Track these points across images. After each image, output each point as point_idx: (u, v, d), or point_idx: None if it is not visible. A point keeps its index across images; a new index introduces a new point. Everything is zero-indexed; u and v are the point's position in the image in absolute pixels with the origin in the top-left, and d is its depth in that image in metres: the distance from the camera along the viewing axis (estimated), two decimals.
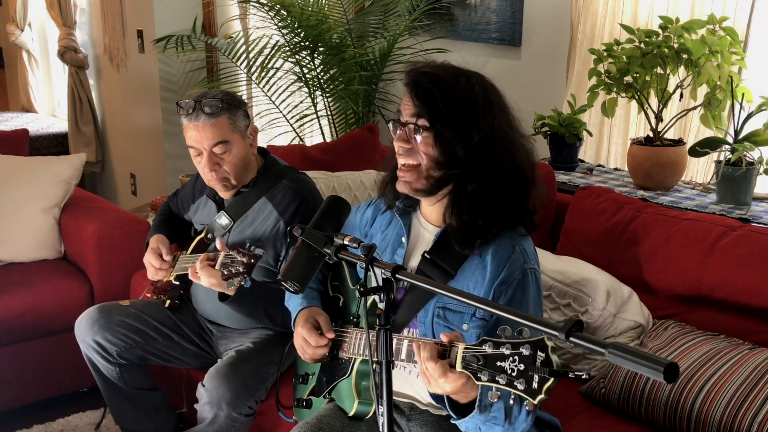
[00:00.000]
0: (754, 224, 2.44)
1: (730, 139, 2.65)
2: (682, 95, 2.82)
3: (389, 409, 1.43)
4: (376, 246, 1.44)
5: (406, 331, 1.82)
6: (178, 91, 4.67)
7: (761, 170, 2.60)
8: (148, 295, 2.66)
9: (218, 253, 2.21)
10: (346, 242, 1.50)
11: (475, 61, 3.70)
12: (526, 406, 1.26)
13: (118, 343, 2.49)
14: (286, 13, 3.75)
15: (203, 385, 2.34)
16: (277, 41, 3.98)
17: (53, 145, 5.64)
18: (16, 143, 3.74)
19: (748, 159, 2.59)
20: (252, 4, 3.91)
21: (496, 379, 1.30)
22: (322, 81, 3.93)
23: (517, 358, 1.28)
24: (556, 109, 3.13)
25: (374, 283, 1.41)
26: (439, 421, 1.84)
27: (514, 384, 1.27)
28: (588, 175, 3.05)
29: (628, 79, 2.79)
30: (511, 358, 1.29)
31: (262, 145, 2.59)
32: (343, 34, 3.88)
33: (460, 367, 1.39)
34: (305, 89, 4.06)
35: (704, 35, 2.65)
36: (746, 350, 2.08)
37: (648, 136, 2.87)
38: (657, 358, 1.05)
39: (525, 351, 1.27)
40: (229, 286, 2.15)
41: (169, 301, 2.59)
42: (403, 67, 1.82)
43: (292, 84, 4.08)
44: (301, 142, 4.16)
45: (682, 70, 2.75)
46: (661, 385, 2.06)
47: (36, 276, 3.19)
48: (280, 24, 3.85)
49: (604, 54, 2.84)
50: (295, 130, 4.16)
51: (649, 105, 2.84)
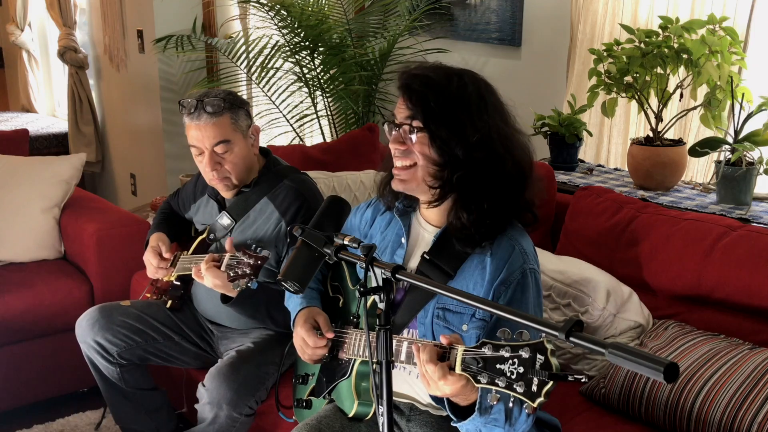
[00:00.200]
0: (754, 224, 2.44)
1: (730, 139, 2.65)
2: (682, 95, 2.82)
3: (389, 409, 1.43)
4: (376, 246, 1.43)
5: (406, 332, 1.82)
6: (178, 91, 4.67)
7: (761, 170, 2.60)
8: (148, 295, 2.65)
9: (223, 254, 2.21)
10: (346, 242, 1.50)
11: (475, 61, 3.70)
12: (526, 409, 1.26)
13: (119, 344, 2.49)
14: (286, 13, 3.75)
15: (203, 385, 2.34)
16: (277, 41, 3.98)
17: (53, 145, 5.64)
18: (16, 143, 3.74)
19: (748, 159, 2.59)
20: (252, 4, 3.91)
21: (496, 382, 1.30)
22: (322, 81, 3.93)
23: (516, 360, 1.28)
24: (556, 109, 3.13)
25: (374, 284, 1.41)
26: (439, 422, 1.84)
27: (514, 387, 1.27)
28: (588, 175, 3.05)
29: (628, 79, 2.79)
30: (510, 361, 1.29)
31: (262, 145, 2.59)
32: (343, 34, 3.88)
33: (459, 370, 1.39)
34: (305, 89, 4.06)
35: (704, 35, 2.65)
36: (746, 350, 2.08)
37: (648, 136, 2.86)
38: (657, 358, 1.05)
39: (524, 354, 1.27)
40: (234, 288, 2.13)
41: (170, 302, 2.59)
42: (403, 68, 1.82)
43: (292, 84, 4.08)
44: (301, 142, 4.16)
45: (682, 70, 2.75)
46: (661, 385, 2.06)
47: (36, 276, 3.19)
48: (280, 24, 3.85)
49: (604, 54, 2.84)
50: (295, 130, 4.16)
51: (649, 105, 2.84)
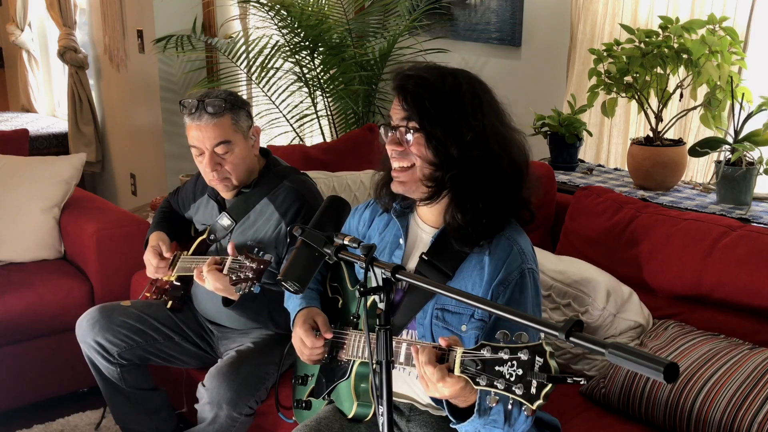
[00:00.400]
0: (754, 224, 2.44)
1: (730, 139, 2.65)
2: (682, 95, 2.82)
3: (389, 409, 1.43)
4: (376, 246, 1.43)
5: (405, 333, 1.82)
6: (178, 91, 4.67)
7: (761, 170, 2.60)
8: (148, 294, 2.65)
9: (225, 257, 2.20)
10: (346, 242, 1.50)
11: (475, 61, 3.70)
12: (525, 411, 1.26)
13: (119, 344, 2.49)
14: (286, 13, 3.75)
15: (203, 385, 2.34)
16: (277, 41, 3.98)
17: (53, 145, 5.64)
18: (16, 143, 3.74)
19: (748, 159, 2.59)
20: (252, 4, 3.91)
21: (495, 384, 1.30)
22: (322, 81, 3.93)
23: (515, 362, 1.28)
24: (556, 109, 3.13)
25: (374, 284, 1.41)
26: (439, 422, 1.84)
27: (513, 389, 1.27)
28: (588, 175, 3.05)
29: (628, 79, 2.79)
30: (509, 363, 1.29)
31: (263, 145, 2.58)
32: (343, 34, 3.88)
33: (458, 372, 1.39)
34: (305, 89, 4.06)
35: (704, 35, 2.65)
36: (746, 350, 2.08)
37: (648, 136, 2.86)
38: (657, 358, 1.05)
39: (523, 356, 1.27)
40: (237, 291, 2.12)
41: (170, 302, 2.59)
42: (397, 69, 1.82)
43: (292, 84, 4.08)
44: (301, 142, 4.16)
45: (682, 70, 2.75)
46: (661, 385, 2.06)
47: (36, 276, 3.19)
48: (280, 24, 3.85)
49: (604, 54, 2.84)
50: (295, 130, 4.16)
51: (649, 105, 2.84)
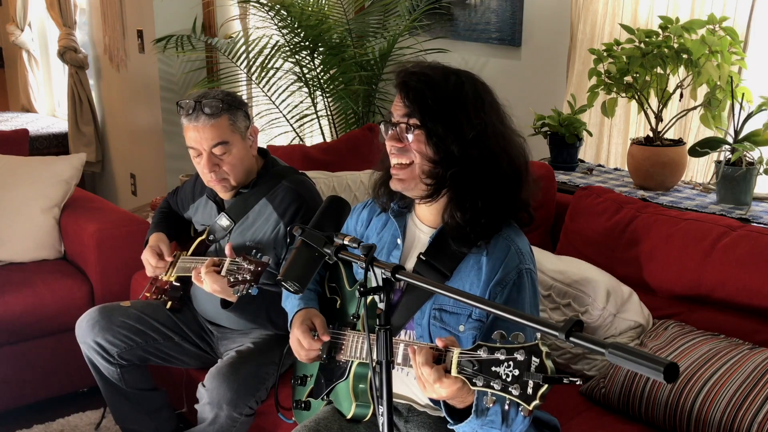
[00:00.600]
0: (754, 224, 2.44)
1: (730, 139, 2.65)
2: (682, 95, 2.82)
3: (389, 409, 1.43)
4: (375, 246, 1.43)
5: (403, 333, 1.81)
6: (178, 91, 4.67)
7: (761, 170, 2.60)
8: (148, 294, 2.65)
9: (223, 259, 2.20)
10: (346, 242, 1.50)
11: (475, 61, 3.70)
12: (522, 412, 1.26)
13: (119, 344, 2.49)
14: (286, 13, 3.75)
15: (203, 386, 2.33)
16: (277, 41, 3.98)
17: (53, 145, 5.64)
18: (16, 143, 3.74)
19: (748, 159, 2.59)
20: (252, 4, 3.91)
21: (491, 385, 1.30)
22: (322, 81, 3.93)
23: (511, 363, 1.28)
24: (556, 109, 3.13)
25: (373, 284, 1.41)
26: (437, 422, 1.83)
27: (509, 390, 1.27)
28: (588, 175, 3.05)
29: (628, 79, 2.79)
30: (505, 364, 1.28)
31: (262, 145, 2.58)
32: (343, 34, 3.88)
33: (455, 372, 1.39)
34: (305, 89, 4.06)
35: (704, 35, 2.65)
36: (746, 350, 2.08)
37: (648, 136, 2.86)
38: (657, 358, 1.05)
39: (519, 356, 1.27)
40: (235, 293, 2.12)
41: (170, 302, 2.58)
42: (400, 66, 1.82)
43: (292, 84, 4.08)
44: (301, 142, 4.16)
45: (682, 70, 2.75)
46: (661, 385, 2.06)
47: (36, 276, 3.19)
48: (280, 24, 3.85)
49: (604, 54, 2.84)
50: (295, 130, 4.16)
51: (649, 105, 2.84)
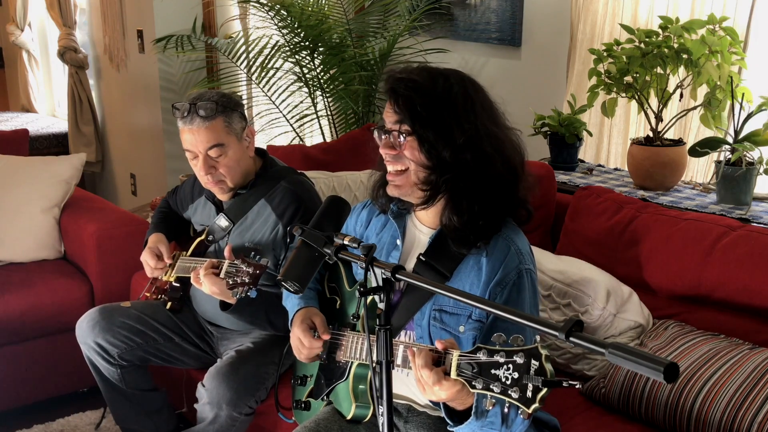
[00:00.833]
0: (754, 224, 2.44)
1: (730, 139, 2.65)
2: (682, 95, 2.82)
3: (389, 409, 1.43)
4: (376, 246, 1.43)
5: (403, 334, 1.81)
6: (178, 91, 4.67)
7: (761, 170, 2.60)
8: (147, 294, 2.65)
9: (222, 261, 2.19)
10: (346, 242, 1.50)
11: (475, 61, 3.70)
12: (521, 415, 1.25)
13: (119, 345, 2.49)
14: (286, 13, 3.75)
15: (203, 385, 2.33)
16: (277, 41, 3.97)
17: (53, 145, 5.63)
18: (16, 143, 3.74)
19: (748, 159, 2.59)
20: (252, 4, 3.91)
21: (491, 388, 1.30)
22: (322, 81, 3.93)
23: (511, 366, 1.28)
24: (556, 109, 3.13)
25: (373, 284, 1.41)
26: (437, 423, 1.83)
27: (509, 393, 1.27)
28: (588, 175, 3.05)
29: (628, 79, 2.79)
30: (505, 366, 1.28)
31: (262, 145, 2.58)
32: (343, 34, 3.88)
33: (454, 375, 1.39)
34: (305, 89, 4.06)
35: (704, 35, 2.65)
36: (746, 350, 2.08)
37: (648, 136, 2.86)
38: (657, 358, 1.05)
39: (519, 359, 1.27)
40: (233, 296, 2.11)
41: (170, 303, 2.58)
42: (388, 71, 1.82)
43: (292, 84, 4.08)
44: (301, 142, 4.16)
45: (682, 70, 2.75)
46: (661, 385, 2.06)
47: (36, 276, 3.19)
48: (280, 24, 3.85)
49: (604, 54, 2.84)
50: (295, 130, 4.16)
51: (649, 105, 2.84)
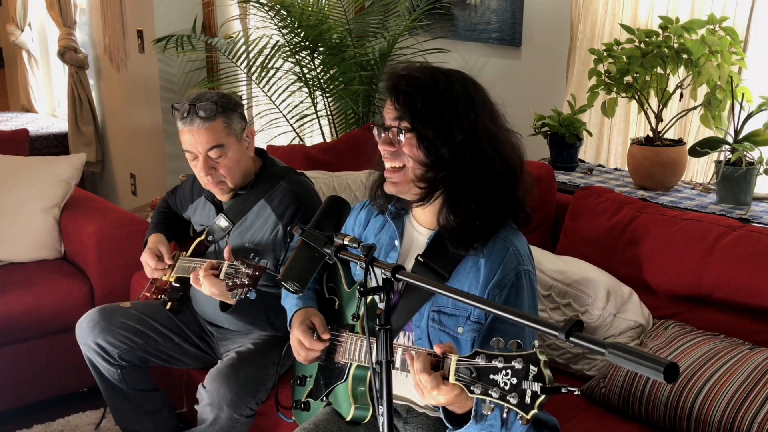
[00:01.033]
0: (754, 224, 2.44)
1: (730, 139, 2.65)
2: (682, 95, 2.82)
3: (389, 409, 1.43)
4: (375, 246, 1.43)
5: (402, 335, 1.81)
6: (178, 91, 4.67)
7: (761, 170, 2.60)
8: (147, 294, 2.65)
9: (222, 262, 2.19)
10: (346, 242, 1.50)
11: (475, 61, 3.70)
12: (520, 420, 1.25)
13: (120, 345, 2.49)
14: (286, 13, 3.75)
15: (204, 387, 2.33)
16: (277, 41, 3.98)
17: (53, 145, 5.64)
18: (16, 143, 3.74)
19: (748, 159, 2.59)
20: (252, 4, 3.91)
21: (489, 393, 1.29)
22: (322, 81, 3.93)
23: (509, 371, 1.27)
24: (556, 109, 3.13)
25: (373, 284, 1.41)
26: (436, 424, 1.83)
27: (507, 398, 1.26)
28: (588, 175, 3.05)
29: (628, 79, 2.79)
30: (503, 372, 1.28)
31: (262, 145, 2.58)
32: (343, 34, 3.88)
33: (453, 379, 1.39)
34: (305, 89, 4.06)
35: (704, 35, 2.65)
36: (746, 350, 2.08)
37: (648, 136, 2.86)
38: (657, 358, 1.05)
39: (517, 365, 1.27)
40: (233, 297, 2.11)
41: (170, 303, 2.58)
42: (390, 68, 1.82)
43: (292, 84, 4.08)
44: (301, 142, 4.16)
45: (682, 70, 2.75)
46: (661, 385, 2.06)
47: (36, 276, 3.19)
48: (280, 24, 3.85)
49: (604, 54, 2.84)
50: (295, 130, 4.16)
51: (649, 105, 2.84)
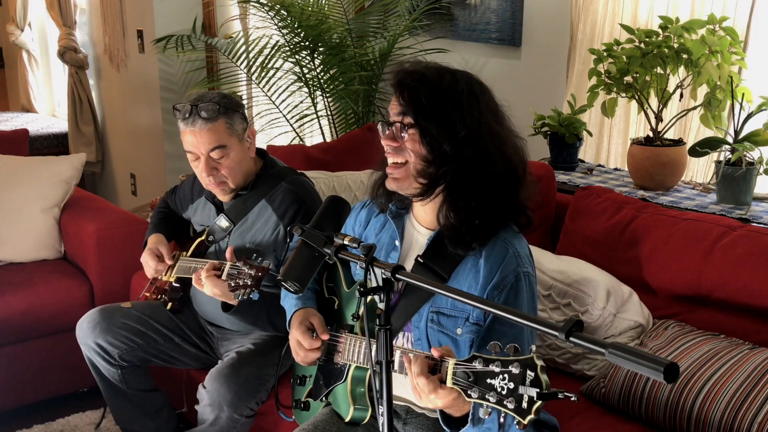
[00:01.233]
0: (754, 224, 2.44)
1: (730, 139, 2.65)
2: (682, 95, 2.82)
3: (389, 409, 1.43)
4: (375, 246, 1.43)
5: (401, 335, 1.81)
6: (178, 91, 4.67)
7: (761, 170, 2.60)
8: (147, 294, 2.65)
9: (224, 262, 2.19)
10: (346, 242, 1.50)
11: (475, 61, 3.70)
12: (517, 425, 1.25)
13: (120, 346, 2.49)
14: (286, 13, 3.75)
15: (204, 387, 2.33)
16: (277, 41, 3.98)
17: (53, 145, 5.63)
18: (16, 143, 3.74)
19: (748, 159, 2.59)
20: (252, 4, 3.91)
21: (487, 397, 1.29)
22: (322, 81, 3.93)
23: (506, 376, 1.27)
24: (556, 109, 3.13)
25: (373, 284, 1.41)
26: (436, 425, 1.83)
27: (504, 403, 1.26)
28: (588, 175, 3.05)
29: (628, 79, 2.79)
30: (500, 376, 1.28)
31: (262, 145, 2.58)
32: (343, 34, 3.88)
33: (450, 383, 1.39)
34: (305, 89, 4.06)
35: (704, 35, 2.65)
36: (746, 350, 2.08)
37: (648, 136, 2.86)
38: (657, 358, 1.05)
39: (514, 369, 1.26)
40: (235, 298, 2.11)
41: (170, 304, 2.58)
42: (397, 66, 1.83)
43: (292, 84, 4.08)
44: (301, 142, 4.16)
45: (682, 70, 2.75)
46: (661, 385, 2.06)
47: (36, 276, 3.19)
48: (280, 24, 3.85)
49: (604, 54, 2.84)
50: (295, 130, 4.16)
51: (649, 105, 2.84)
